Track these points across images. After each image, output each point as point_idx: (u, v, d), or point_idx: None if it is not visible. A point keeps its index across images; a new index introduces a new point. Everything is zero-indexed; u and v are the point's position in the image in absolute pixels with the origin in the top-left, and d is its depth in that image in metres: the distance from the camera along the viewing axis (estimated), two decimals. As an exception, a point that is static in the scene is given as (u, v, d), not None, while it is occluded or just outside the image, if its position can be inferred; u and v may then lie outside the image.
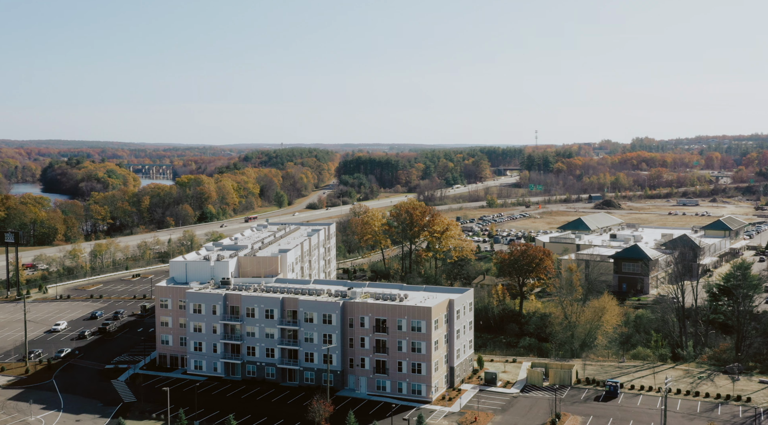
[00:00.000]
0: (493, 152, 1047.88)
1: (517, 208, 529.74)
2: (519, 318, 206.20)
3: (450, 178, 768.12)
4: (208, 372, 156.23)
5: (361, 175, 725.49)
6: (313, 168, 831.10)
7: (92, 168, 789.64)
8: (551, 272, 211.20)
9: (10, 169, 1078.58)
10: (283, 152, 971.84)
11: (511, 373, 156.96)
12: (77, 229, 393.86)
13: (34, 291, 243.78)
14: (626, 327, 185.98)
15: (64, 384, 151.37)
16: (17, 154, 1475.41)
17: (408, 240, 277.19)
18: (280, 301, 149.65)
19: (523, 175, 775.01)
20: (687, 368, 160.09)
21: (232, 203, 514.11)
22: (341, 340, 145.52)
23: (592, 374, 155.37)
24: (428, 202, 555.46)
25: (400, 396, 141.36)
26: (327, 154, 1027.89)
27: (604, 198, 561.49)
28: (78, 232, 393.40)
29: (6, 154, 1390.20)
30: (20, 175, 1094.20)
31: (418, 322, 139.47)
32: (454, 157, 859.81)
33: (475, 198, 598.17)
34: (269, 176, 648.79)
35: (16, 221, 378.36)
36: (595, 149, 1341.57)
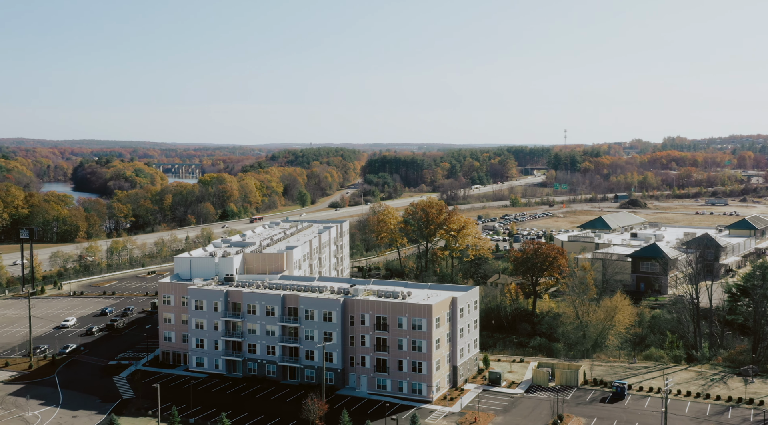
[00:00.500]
0: (521, 151, 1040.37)
1: (540, 207, 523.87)
2: (532, 318, 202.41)
3: (475, 177, 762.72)
4: (210, 370, 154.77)
5: (386, 174, 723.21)
6: (339, 167, 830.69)
7: (121, 167, 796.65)
8: (565, 271, 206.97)
9: (43, 168, 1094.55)
10: (309, 151, 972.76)
11: (517, 373, 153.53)
12: (99, 227, 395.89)
13: (49, 288, 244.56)
14: (639, 328, 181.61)
15: (66, 380, 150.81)
16: (51, 153, 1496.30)
17: (423, 238, 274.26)
18: (281, 298, 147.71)
19: (549, 174, 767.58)
20: (700, 370, 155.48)
21: (255, 201, 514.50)
22: (342, 338, 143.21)
23: (600, 375, 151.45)
24: (451, 200, 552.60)
25: (400, 396, 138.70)
26: (354, 153, 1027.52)
27: (631, 197, 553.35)
28: (100, 230, 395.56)
29: (40, 153, 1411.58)
30: (52, 174, 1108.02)
31: (418, 320, 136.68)
32: (480, 157, 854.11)
33: (499, 197, 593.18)
34: (293, 175, 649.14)
35: (39, 218, 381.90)
36: (625, 149, 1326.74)
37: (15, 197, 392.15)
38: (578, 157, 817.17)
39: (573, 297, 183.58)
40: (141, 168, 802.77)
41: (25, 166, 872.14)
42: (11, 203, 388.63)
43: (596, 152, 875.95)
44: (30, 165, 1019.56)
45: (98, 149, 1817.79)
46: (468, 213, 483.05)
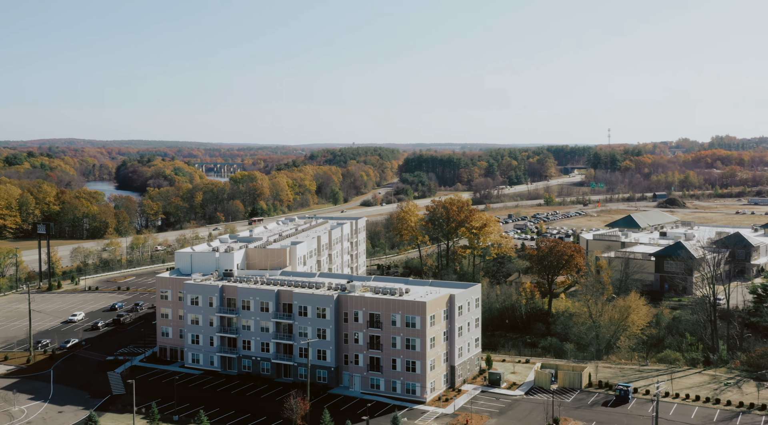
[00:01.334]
0: (561, 151, 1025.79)
1: (575, 206, 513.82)
2: (547, 318, 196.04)
3: (513, 177, 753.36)
4: (205, 366, 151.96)
5: (422, 173, 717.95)
6: (376, 166, 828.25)
7: (161, 166, 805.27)
8: (582, 269, 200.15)
9: (88, 168, 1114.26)
10: (348, 151, 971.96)
11: (520, 374, 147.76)
12: (128, 224, 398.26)
13: (66, 283, 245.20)
14: (656, 329, 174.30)
15: (61, 375, 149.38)
16: (99, 153, 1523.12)
17: (444, 236, 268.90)
18: (275, 294, 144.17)
19: (587, 173, 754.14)
20: (715, 373, 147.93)
21: (286, 200, 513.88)
22: (335, 335, 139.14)
23: (608, 377, 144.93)
24: (484, 199, 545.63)
25: (393, 396, 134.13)
26: (392, 152, 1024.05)
27: (669, 196, 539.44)
28: (129, 226, 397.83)
29: (88, 153, 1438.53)
30: (97, 173, 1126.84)
31: (412, 318, 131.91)
32: (519, 156, 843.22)
33: (534, 196, 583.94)
34: (328, 174, 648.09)
35: (69, 215, 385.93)
36: (671, 148, 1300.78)
37: (47, 194, 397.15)
38: (618, 155, 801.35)
39: (587, 297, 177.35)
40: (180, 167, 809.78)
41: (69, 165, 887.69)
42: (43, 200, 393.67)
43: (638, 151, 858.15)
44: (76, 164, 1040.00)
45: (144, 149, 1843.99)
46: (499, 211, 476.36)
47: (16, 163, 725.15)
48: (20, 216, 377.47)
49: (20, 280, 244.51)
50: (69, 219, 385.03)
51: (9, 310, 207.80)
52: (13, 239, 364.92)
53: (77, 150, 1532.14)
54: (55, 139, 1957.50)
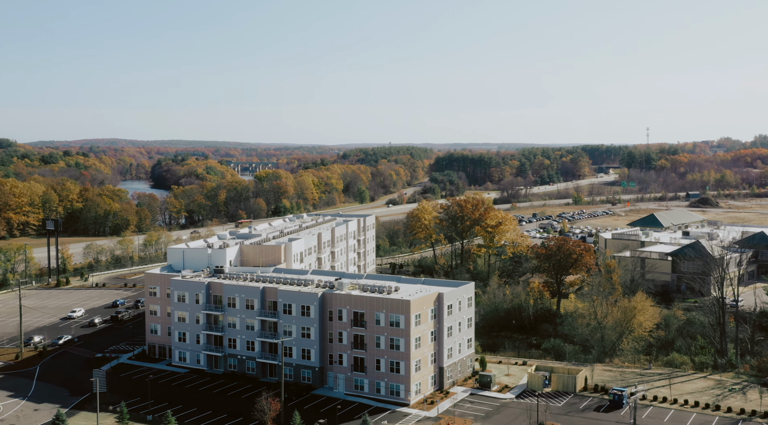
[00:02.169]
0: (597, 150, 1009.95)
1: (604, 205, 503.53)
2: (554, 318, 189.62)
3: (545, 176, 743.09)
4: (192, 365, 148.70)
5: (452, 172, 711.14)
6: (407, 165, 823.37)
7: (194, 165, 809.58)
8: (592, 269, 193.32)
9: (125, 167, 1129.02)
10: (380, 150, 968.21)
11: (515, 377, 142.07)
12: (149, 221, 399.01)
13: (76, 279, 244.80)
14: (663, 331, 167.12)
15: (46, 372, 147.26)
16: (138, 153, 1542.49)
17: (458, 234, 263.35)
18: (261, 291, 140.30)
19: (621, 172, 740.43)
20: (720, 378, 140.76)
21: (312, 198, 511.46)
22: (320, 334, 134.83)
23: (607, 381, 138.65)
24: (512, 198, 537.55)
25: (377, 397, 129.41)
26: (424, 151, 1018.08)
27: (702, 196, 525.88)
28: (151, 224, 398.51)
29: (128, 153, 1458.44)
30: (134, 172, 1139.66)
31: (396, 317, 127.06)
32: (552, 155, 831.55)
33: (564, 195, 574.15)
34: (357, 172, 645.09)
35: (91, 212, 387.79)
36: (712, 147, 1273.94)
37: (70, 191, 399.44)
38: (654, 155, 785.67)
39: (593, 297, 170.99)
40: (213, 166, 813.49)
41: (105, 164, 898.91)
42: (66, 197, 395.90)
43: (674, 150, 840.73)
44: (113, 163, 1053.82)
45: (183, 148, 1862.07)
46: (525, 211, 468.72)
47: (51, 162, 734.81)
48: (43, 213, 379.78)
49: (30, 276, 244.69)
50: (91, 216, 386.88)
51: (13, 306, 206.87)
52: (36, 236, 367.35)
53: (117, 149, 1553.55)
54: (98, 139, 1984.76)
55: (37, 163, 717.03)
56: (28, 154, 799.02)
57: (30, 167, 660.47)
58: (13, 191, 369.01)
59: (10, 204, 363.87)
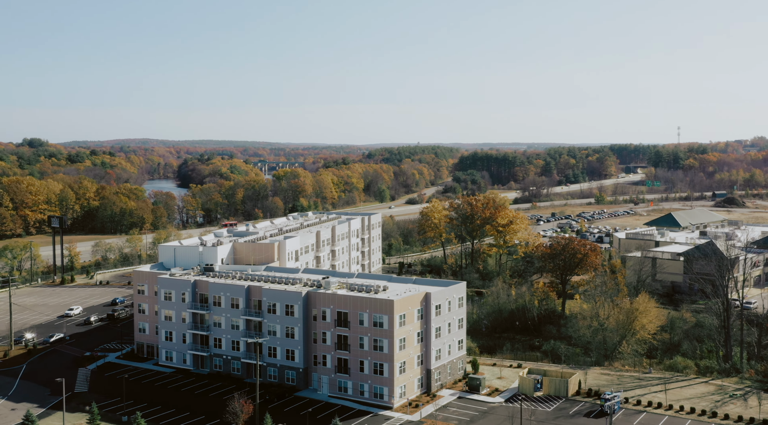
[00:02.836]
0: (625, 149, 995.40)
1: (627, 205, 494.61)
2: (559, 320, 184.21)
3: (570, 175, 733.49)
4: (178, 364, 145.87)
5: (475, 172, 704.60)
6: (431, 165, 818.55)
7: (219, 164, 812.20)
8: (598, 269, 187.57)
9: (153, 166, 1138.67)
10: (405, 149, 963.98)
11: (507, 380, 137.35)
12: (165, 219, 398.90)
13: (82, 277, 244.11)
14: (668, 333, 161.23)
15: (31, 371, 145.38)
16: (168, 152, 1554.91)
17: (468, 233, 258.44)
18: (245, 290, 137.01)
19: (648, 171, 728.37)
20: (722, 383, 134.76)
21: (330, 197, 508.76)
22: (304, 334, 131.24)
23: (603, 385, 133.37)
24: (533, 198, 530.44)
25: (360, 400, 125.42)
26: (450, 151, 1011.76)
27: (729, 195, 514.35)
28: (167, 222, 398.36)
29: (157, 152, 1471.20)
30: (162, 171, 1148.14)
31: (380, 317, 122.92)
32: (578, 154, 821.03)
33: (587, 195, 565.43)
34: (378, 171, 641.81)
35: (107, 210, 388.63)
36: (745, 146, 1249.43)
37: (87, 189, 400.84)
38: (682, 154, 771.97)
39: (596, 298, 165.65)
40: (237, 165, 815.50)
41: (131, 163, 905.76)
42: (83, 195, 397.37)
43: (702, 149, 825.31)
44: (141, 162, 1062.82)
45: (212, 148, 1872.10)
46: (545, 210, 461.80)
47: (78, 161, 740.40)
48: (60, 211, 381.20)
49: (36, 274, 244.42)
50: (107, 214, 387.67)
51: (14, 303, 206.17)
52: (52, 233, 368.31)
53: (147, 149, 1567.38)
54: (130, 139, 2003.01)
55: (64, 162, 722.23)
56: (55, 154, 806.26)
57: (56, 166, 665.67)
58: (29, 189, 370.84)
59: (26, 202, 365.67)
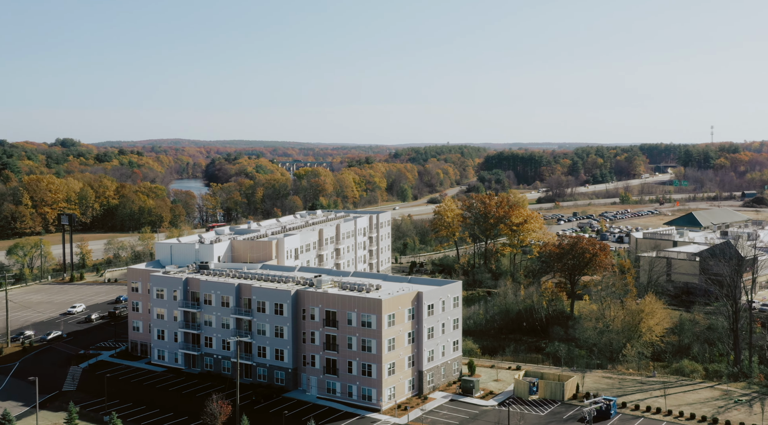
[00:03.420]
0: (655, 149, 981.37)
1: (652, 205, 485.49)
2: (567, 321, 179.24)
3: (598, 175, 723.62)
4: (170, 363, 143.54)
5: (500, 171, 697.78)
6: (457, 164, 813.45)
7: (245, 163, 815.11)
8: (607, 269, 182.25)
9: (182, 165, 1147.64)
10: (431, 149, 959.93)
11: (503, 382, 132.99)
12: (184, 218, 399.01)
13: (92, 275, 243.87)
14: (676, 336, 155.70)
15: (24, 368, 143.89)
16: (198, 152, 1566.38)
17: (481, 232, 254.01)
18: (236, 288, 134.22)
19: (677, 171, 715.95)
20: (729, 388, 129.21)
21: (352, 196, 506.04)
22: (293, 334, 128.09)
23: (603, 389, 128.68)
24: (557, 197, 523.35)
25: (349, 402, 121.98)
26: (477, 151, 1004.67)
27: (758, 195, 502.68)
28: (185, 221, 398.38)
29: (188, 152, 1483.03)
30: (191, 170, 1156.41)
31: (368, 316, 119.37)
32: (606, 153, 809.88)
33: (613, 194, 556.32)
34: (402, 171, 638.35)
35: (126, 209, 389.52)
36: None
37: (107, 188, 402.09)
38: (712, 153, 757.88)
39: (602, 299, 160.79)
40: (263, 164, 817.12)
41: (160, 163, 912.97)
42: (103, 194, 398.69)
43: (734, 148, 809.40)
44: (170, 162, 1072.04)
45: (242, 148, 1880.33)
46: (568, 209, 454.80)
47: (105, 160, 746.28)
48: (79, 209, 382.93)
49: (47, 271, 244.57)
50: (126, 212, 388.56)
51: (20, 301, 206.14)
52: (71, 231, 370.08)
53: (178, 149, 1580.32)
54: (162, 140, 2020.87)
55: (92, 161, 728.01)
56: (83, 153, 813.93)
57: (84, 165, 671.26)
58: (49, 187, 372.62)
59: (45, 200, 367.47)
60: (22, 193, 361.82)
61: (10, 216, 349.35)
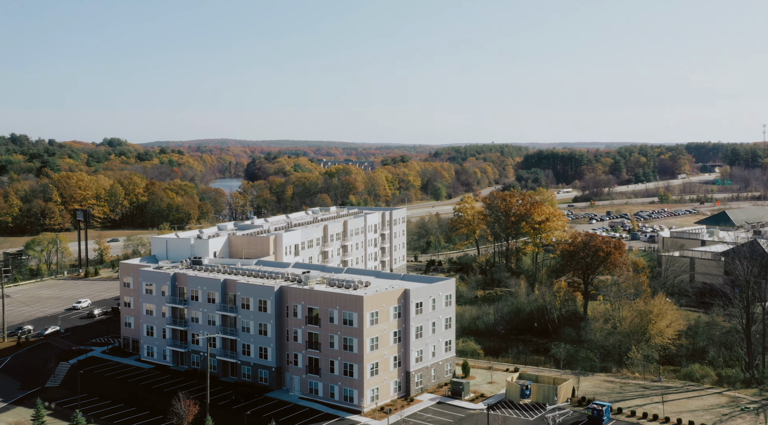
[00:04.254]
0: (703, 147, 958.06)
1: (692, 204, 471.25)
2: (579, 322, 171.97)
3: (640, 174, 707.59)
4: (159, 360, 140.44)
5: (538, 170, 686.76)
6: (497, 163, 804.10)
7: (284, 162, 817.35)
8: (621, 268, 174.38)
9: (225, 165, 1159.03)
10: (472, 148, 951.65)
11: (498, 385, 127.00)
12: (212, 215, 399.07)
13: (107, 271, 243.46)
14: (688, 339, 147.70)
15: (14, 364, 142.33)
16: (243, 152, 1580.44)
17: (502, 230, 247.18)
18: (222, 284, 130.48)
19: (722, 170, 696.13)
20: (737, 395, 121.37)
21: (384, 194, 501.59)
22: (276, 331, 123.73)
23: (603, 393, 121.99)
24: (593, 197, 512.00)
25: (330, 403, 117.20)
26: (518, 150, 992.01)
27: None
28: (212, 218, 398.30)
29: (232, 152, 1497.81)
30: (233, 169, 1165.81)
31: (349, 314, 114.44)
32: (650, 152, 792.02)
33: (653, 194, 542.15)
34: (438, 170, 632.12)
35: (155, 206, 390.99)
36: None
37: (136, 185, 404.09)
38: (761, 151, 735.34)
39: (611, 299, 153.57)
40: (301, 163, 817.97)
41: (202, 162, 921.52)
42: (132, 191, 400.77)
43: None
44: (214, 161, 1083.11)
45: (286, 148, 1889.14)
46: (603, 208, 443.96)
47: (146, 159, 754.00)
48: (109, 206, 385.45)
49: (64, 267, 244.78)
50: (155, 209, 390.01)
51: (31, 295, 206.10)
52: (101, 228, 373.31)
53: (223, 149, 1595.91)
54: (209, 140, 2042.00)
55: (133, 160, 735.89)
56: (125, 152, 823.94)
57: (124, 163, 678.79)
58: (78, 184, 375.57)
59: (75, 197, 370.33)
60: (51, 190, 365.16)
61: (40, 212, 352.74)
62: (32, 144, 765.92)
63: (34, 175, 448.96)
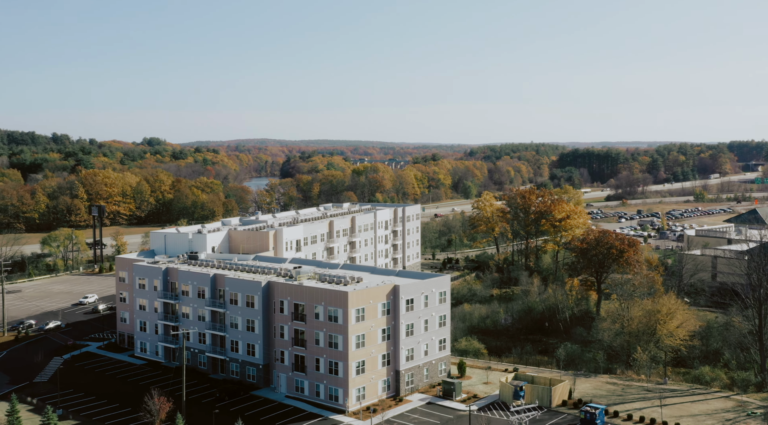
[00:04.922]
0: (745, 146, 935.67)
1: (729, 203, 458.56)
2: (591, 322, 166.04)
3: (678, 173, 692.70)
4: (152, 356, 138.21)
5: (572, 169, 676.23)
6: (531, 162, 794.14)
7: (318, 161, 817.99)
8: (635, 266, 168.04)
9: (261, 164, 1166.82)
10: (506, 147, 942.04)
11: (493, 385, 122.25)
12: (237, 212, 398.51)
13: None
14: (699, 340, 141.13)
15: (9, 358, 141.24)
16: (280, 151, 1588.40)
17: (521, 228, 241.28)
18: (211, 279, 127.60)
19: (765, 168, 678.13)
20: (744, 399, 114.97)
21: (412, 193, 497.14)
22: (264, 328, 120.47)
23: (603, 395, 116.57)
24: (626, 195, 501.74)
25: (316, 401, 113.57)
26: (554, 148, 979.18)
27: None
28: (238, 215, 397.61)
29: (270, 151, 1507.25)
30: (269, 168, 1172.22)
31: (334, 310, 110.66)
32: (689, 151, 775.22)
33: (688, 192, 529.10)
34: (470, 168, 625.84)
35: (180, 203, 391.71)
36: None
37: (162, 183, 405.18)
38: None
39: (620, 298, 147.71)
40: (334, 162, 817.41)
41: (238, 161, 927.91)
42: (159, 188, 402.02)
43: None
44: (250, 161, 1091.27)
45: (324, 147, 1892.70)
46: (634, 207, 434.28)
47: (181, 158, 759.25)
48: (134, 203, 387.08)
49: (80, 262, 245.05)
50: (180, 206, 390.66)
51: (43, 290, 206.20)
52: (127, 225, 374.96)
53: (261, 148, 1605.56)
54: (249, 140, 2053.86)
55: (168, 159, 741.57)
56: (160, 151, 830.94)
57: (159, 162, 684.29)
58: (104, 181, 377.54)
59: (101, 193, 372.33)
60: (78, 187, 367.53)
61: (66, 209, 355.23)
62: (72, 143, 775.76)
63: (68, 172, 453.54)
